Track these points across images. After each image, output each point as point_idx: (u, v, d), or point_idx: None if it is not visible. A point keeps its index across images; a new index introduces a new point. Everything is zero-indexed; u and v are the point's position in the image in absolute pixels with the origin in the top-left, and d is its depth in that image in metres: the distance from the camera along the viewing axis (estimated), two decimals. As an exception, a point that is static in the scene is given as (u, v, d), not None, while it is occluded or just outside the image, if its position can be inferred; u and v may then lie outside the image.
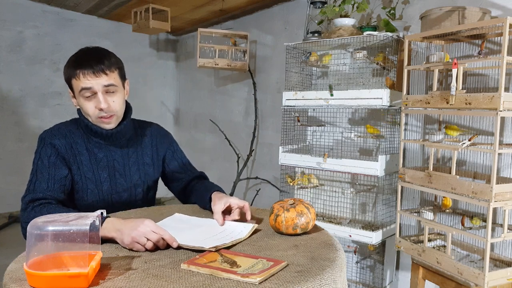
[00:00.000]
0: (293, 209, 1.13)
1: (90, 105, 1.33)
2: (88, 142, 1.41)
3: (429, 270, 1.84)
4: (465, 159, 2.02)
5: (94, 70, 1.30)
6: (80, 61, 1.32)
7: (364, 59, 2.19)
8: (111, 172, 1.43)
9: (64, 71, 1.36)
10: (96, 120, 1.36)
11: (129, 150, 1.48)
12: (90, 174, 1.39)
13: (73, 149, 1.38)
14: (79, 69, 1.30)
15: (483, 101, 1.53)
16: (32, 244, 0.82)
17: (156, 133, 1.59)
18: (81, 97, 1.33)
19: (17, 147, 4.07)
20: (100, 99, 1.31)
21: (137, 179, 1.49)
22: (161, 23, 3.56)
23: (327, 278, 0.86)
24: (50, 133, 1.38)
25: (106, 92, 1.33)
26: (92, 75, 1.30)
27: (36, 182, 1.28)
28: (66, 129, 1.41)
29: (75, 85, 1.32)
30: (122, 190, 1.46)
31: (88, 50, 1.36)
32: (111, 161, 1.43)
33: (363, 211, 2.35)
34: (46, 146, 1.35)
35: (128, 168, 1.47)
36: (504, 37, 1.48)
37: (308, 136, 2.64)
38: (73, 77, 1.31)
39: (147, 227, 1.02)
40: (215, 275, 0.85)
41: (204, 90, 4.50)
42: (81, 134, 1.41)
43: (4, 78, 3.96)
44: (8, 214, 3.93)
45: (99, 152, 1.42)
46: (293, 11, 3.26)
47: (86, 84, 1.30)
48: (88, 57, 1.32)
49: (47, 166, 1.31)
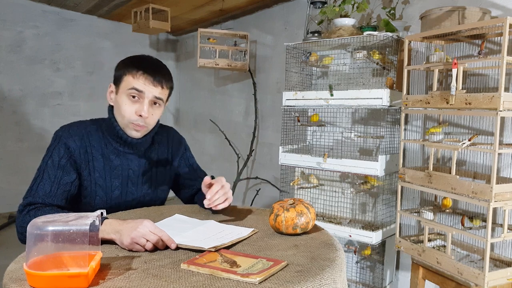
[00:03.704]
0: (293, 209, 1.13)
1: (131, 108, 1.31)
2: (105, 147, 1.37)
3: (429, 270, 1.84)
4: (465, 159, 2.02)
5: (155, 79, 1.31)
6: (145, 65, 1.32)
7: (364, 59, 2.19)
8: (124, 180, 1.40)
9: (120, 65, 1.34)
10: (128, 124, 1.33)
11: (145, 159, 1.45)
12: (101, 181, 1.36)
13: (88, 153, 1.34)
14: (142, 71, 1.30)
15: (483, 101, 1.53)
16: (32, 244, 0.81)
17: (172, 141, 1.56)
18: (125, 95, 1.31)
19: (17, 147, 4.07)
20: (145, 108, 1.31)
21: (147, 188, 1.47)
22: (161, 23, 3.56)
23: (327, 278, 0.86)
24: (68, 132, 1.33)
25: (152, 103, 1.33)
26: (150, 82, 1.30)
27: (40, 183, 1.25)
28: (85, 130, 1.36)
29: (126, 81, 1.31)
30: (131, 199, 1.44)
31: (153, 58, 1.37)
32: (126, 169, 1.40)
33: (363, 211, 2.35)
34: (60, 146, 1.30)
35: (142, 177, 1.45)
36: (504, 37, 1.48)
37: (308, 136, 2.64)
38: (129, 73, 1.30)
39: (146, 227, 1.01)
40: (215, 275, 0.85)
41: (204, 90, 4.50)
42: (100, 137, 1.38)
43: (4, 78, 3.96)
44: (8, 214, 3.93)
45: (115, 159, 1.38)
46: (293, 11, 3.26)
47: (140, 87, 1.30)
48: (154, 66, 1.34)
49: (56, 168, 1.27)
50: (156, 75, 1.32)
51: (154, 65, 1.35)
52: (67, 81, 4.31)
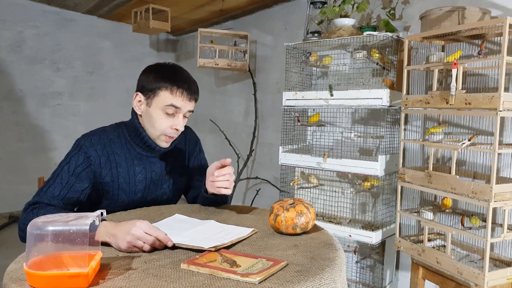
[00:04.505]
0: (293, 209, 1.13)
1: (166, 122, 1.33)
2: (129, 153, 1.39)
3: (429, 270, 1.84)
4: (465, 159, 2.02)
5: (191, 96, 1.34)
6: (179, 79, 1.33)
7: (364, 59, 2.19)
8: (147, 183, 1.43)
9: (152, 77, 1.34)
10: (161, 136, 1.36)
11: (167, 160, 1.48)
12: (125, 186, 1.39)
13: (110, 160, 1.35)
14: (178, 87, 1.31)
15: (483, 101, 1.53)
16: (32, 244, 0.82)
17: (189, 141, 1.59)
18: (160, 110, 1.32)
19: (18, 147, 4.07)
20: (181, 122, 1.34)
21: (166, 188, 1.50)
22: (161, 23, 3.57)
23: (327, 277, 0.86)
24: (89, 141, 1.34)
25: (184, 116, 1.36)
26: (187, 98, 1.33)
27: (51, 186, 1.26)
28: (107, 138, 1.37)
29: (163, 97, 1.31)
30: (151, 199, 1.47)
31: (184, 71, 1.39)
32: (149, 172, 1.43)
33: (363, 211, 2.36)
34: (80, 154, 1.31)
35: (163, 177, 1.48)
36: (504, 37, 1.48)
37: (308, 136, 2.64)
38: (165, 89, 1.31)
39: (140, 229, 1.00)
40: (215, 274, 0.85)
41: (204, 90, 4.50)
42: (122, 144, 1.39)
43: (5, 78, 3.96)
44: (8, 214, 3.94)
45: (139, 165, 1.41)
46: (293, 11, 3.26)
47: (178, 103, 1.31)
48: (188, 81, 1.35)
49: (71, 174, 1.29)
50: (192, 92, 1.35)
51: (188, 79, 1.36)
52: (67, 81, 4.31)
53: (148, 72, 1.37)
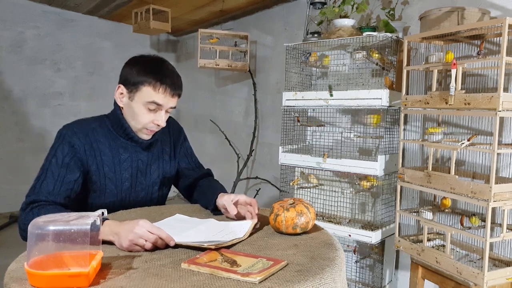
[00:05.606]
0: (293, 209, 1.14)
1: (148, 116, 1.34)
2: (113, 142, 1.39)
3: (428, 269, 1.84)
4: (464, 159, 2.02)
5: (174, 92, 1.33)
6: (163, 75, 1.32)
7: (363, 59, 2.20)
8: (133, 172, 1.43)
9: (135, 71, 1.32)
10: (142, 129, 1.37)
11: (153, 149, 1.48)
12: (111, 175, 1.38)
13: (94, 149, 1.34)
14: (161, 83, 1.30)
15: (482, 101, 1.54)
16: (33, 244, 0.82)
17: (173, 130, 1.59)
18: (142, 105, 1.32)
19: (18, 147, 4.08)
20: (163, 118, 1.34)
21: (155, 177, 1.49)
22: (161, 24, 3.57)
23: (327, 277, 0.87)
24: (71, 130, 1.33)
25: (166, 111, 1.36)
26: (169, 95, 1.32)
27: (43, 182, 1.25)
28: (89, 126, 1.37)
29: (145, 92, 1.31)
30: (140, 189, 1.46)
31: (169, 66, 1.37)
32: (135, 161, 1.43)
33: (363, 211, 2.36)
34: (64, 144, 1.30)
35: (150, 166, 1.47)
36: (503, 37, 1.48)
37: (308, 136, 2.65)
38: (149, 85, 1.30)
39: (143, 227, 1.01)
40: (215, 274, 0.86)
41: (204, 91, 4.50)
42: (105, 133, 1.38)
43: (5, 78, 3.97)
44: (8, 214, 3.94)
45: (124, 153, 1.40)
46: (293, 12, 3.27)
47: (160, 100, 1.31)
48: (172, 76, 1.34)
49: (60, 166, 1.28)
50: (175, 88, 1.34)
51: (172, 75, 1.35)
52: (67, 81, 4.31)
53: (132, 65, 1.35)
